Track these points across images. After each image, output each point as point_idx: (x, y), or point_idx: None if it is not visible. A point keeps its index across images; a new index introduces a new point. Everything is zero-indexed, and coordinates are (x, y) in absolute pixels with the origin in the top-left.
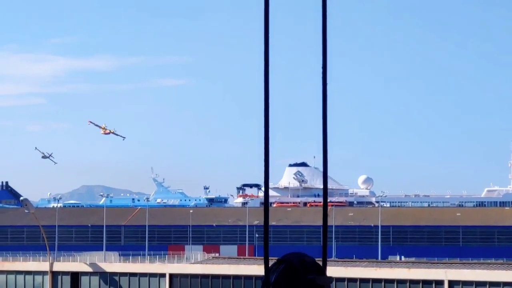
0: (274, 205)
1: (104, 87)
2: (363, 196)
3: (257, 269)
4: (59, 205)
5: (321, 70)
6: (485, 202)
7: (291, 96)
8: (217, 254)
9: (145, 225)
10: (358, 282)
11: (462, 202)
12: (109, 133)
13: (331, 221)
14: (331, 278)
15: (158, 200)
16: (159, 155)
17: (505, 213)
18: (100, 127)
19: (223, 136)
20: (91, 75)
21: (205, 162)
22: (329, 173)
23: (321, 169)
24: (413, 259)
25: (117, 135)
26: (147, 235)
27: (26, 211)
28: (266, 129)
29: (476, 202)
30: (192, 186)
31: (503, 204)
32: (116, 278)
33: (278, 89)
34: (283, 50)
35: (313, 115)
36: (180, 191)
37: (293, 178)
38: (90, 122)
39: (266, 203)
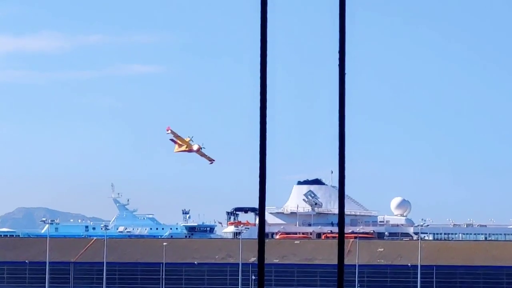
0: (278, 237)
1: (51, 75)
2: (398, 226)
3: None
4: None
5: (337, 64)
6: None
7: (303, 97)
8: None
9: (103, 262)
10: None
11: None
12: (191, 151)
13: (354, 259)
14: None
15: (121, 229)
16: (123, 167)
17: None
18: (179, 141)
19: (209, 143)
20: (34, 59)
21: (184, 178)
22: (353, 195)
23: None
24: None
25: (204, 155)
26: (104, 275)
27: None
28: (263, 132)
29: None
30: (166, 210)
31: None
32: None
33: (285, 87)
34: (294, 46)
35: (330, 120)
36: (151, 216)
37: (303, 200)
38: (170, 130)
39: (261, 233)
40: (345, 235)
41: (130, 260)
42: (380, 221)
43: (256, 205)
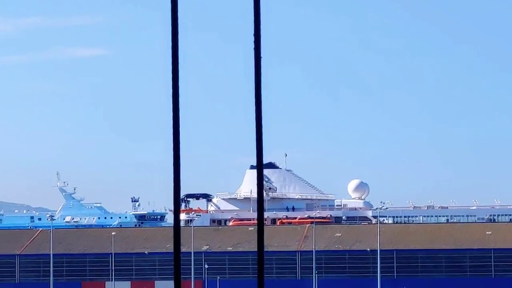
0: (230, 223)
1: None
2: (356, 209)
3: None
4: None
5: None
6: None
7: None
8: None
9: (49, 254)
10: None
11: (494, 215)
12: None
13: (310, 245)
14: None
15: (68, 219)
16: (68, 155)
17: None
18: None
19: (156, 127)
20: None
21: (132, 164)
22: (309, 178)
23: (296, 172)
24: None
25: None
26: (51, 268)
27: None
28: (175, 99)
29: None
30: (115, 198)
31: None
32: None
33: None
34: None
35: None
36: (99, 205)
37: None
38: None
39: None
40: (302, 220)
41: (77, 251)
42: (337, 205)
43: (208, 190)
